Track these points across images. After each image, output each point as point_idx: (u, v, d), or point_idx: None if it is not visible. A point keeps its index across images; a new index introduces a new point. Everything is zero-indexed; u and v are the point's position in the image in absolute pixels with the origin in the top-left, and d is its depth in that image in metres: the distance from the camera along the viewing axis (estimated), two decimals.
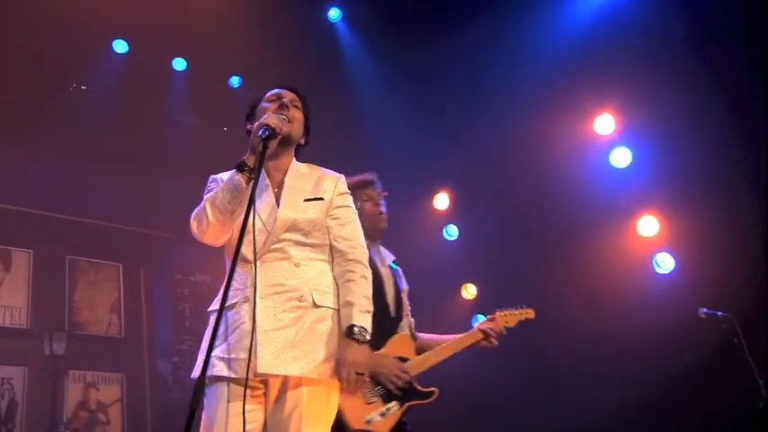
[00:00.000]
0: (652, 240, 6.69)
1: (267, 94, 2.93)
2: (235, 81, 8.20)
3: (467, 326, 7.55)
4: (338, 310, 2.71)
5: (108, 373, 8.43)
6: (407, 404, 3.68)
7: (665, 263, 6.51)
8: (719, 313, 4.70)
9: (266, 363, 2.47)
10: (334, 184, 2.89)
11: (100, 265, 9.32)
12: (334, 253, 2.80)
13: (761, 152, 5.67)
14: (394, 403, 3.61)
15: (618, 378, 6.02)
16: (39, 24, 6.58)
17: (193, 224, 2.69)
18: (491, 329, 4.04)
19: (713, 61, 5.97)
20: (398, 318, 4.00)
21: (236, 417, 2.52)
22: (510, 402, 6.51)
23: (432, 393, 3.75)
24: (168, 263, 8.36)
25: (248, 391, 2.54)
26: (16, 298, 8.67)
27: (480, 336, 4.03)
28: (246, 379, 2.46)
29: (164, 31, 7.12)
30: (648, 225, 6.70)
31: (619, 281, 6.62)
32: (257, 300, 2.56)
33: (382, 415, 3.57)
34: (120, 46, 7.59)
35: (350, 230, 2.83)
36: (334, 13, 8.11)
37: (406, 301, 4.16)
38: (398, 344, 3.85)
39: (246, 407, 2.54)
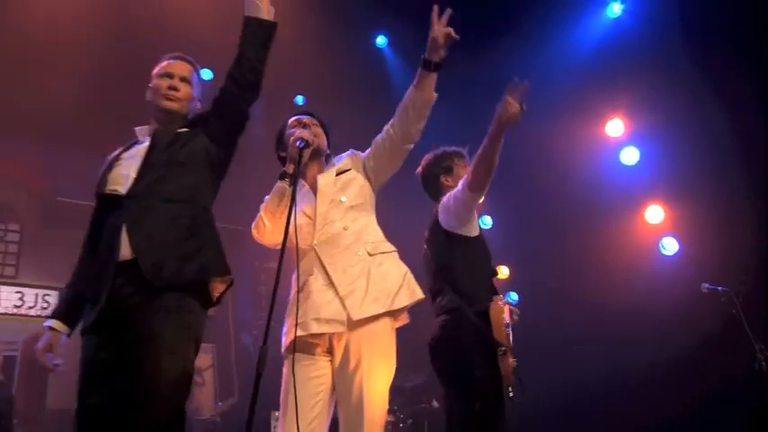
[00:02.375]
0: (658, 227, 6.68)
1: (290, 122, 3.05)
2: (300, 99, 8.27)
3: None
4: (390, 253, 2.83)
5: (203, 343, 8.67)
6: None
7: (670, 246, 6.49)
8: (719, 288, 4.69)
9: (356, 309, 2.59)
10: (349, 156, 3.03)
11: None
12: (389, 131, 2.89)
13: (755, 149, 5.62)
14: None
15: (628, 343, 5.99)
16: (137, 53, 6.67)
17: (254, 232, 2.89)
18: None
19: (712, 71, 5.93)
20: None
21: (311, 380, 2.62)
22: (534, 363, 6.50)
23: None
24: (247, 253, 8.47)
25: (319, 349, 2.67)
26: None
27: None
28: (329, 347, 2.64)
29: None
30: (655, 213, 6.70)
31: (630, 261, 6.64)
32: (327, 266, 2.68)
33: None
34: (206, 74, 7.74)
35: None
36: (381, 40, 8.23)
37: None
38: None
39: (318, 371, 2.63)
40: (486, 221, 8.54)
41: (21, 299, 8.28)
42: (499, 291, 7.34)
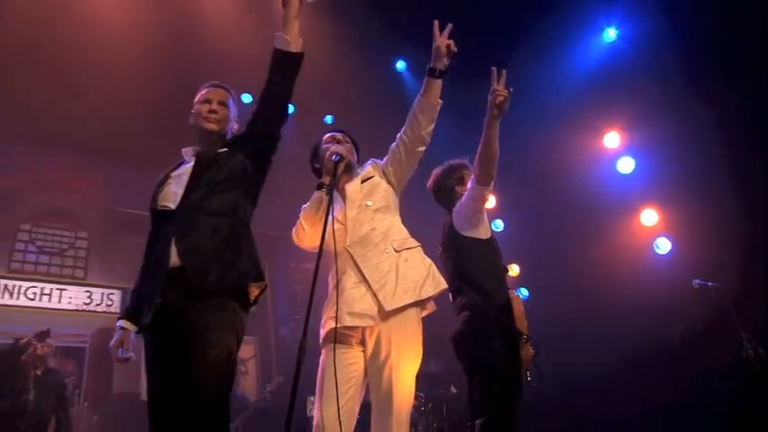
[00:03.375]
0: (652, 228, 6.62)
1: (324, 138, 3.09)
2: (329, 119, 8.32)
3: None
4: (415, 248, 2.84)
5: (246, 336, 8.73)
6: None
7: (663, 246, 6.43)
8: (709, 283, 4.65)
9: (388, 301, 2.60)
10: (371, 165, 3.03)
11: None
12: (401, 137, 2.91)
13: (740, 158, 5.54)
14: None
15: (625, 333, 5.95)
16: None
17: (294, 236, 2.92)
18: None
19: (700, 88, 5.86)
20: None
21: (346, 367, 2.63)
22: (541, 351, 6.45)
23: None
24: (284, 255, 8.53)
25: (353, 340, 2.68)
26: None
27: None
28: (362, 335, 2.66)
29: None
30: (649, 217, 6.65)
31: (627, 260, 6.57)
32: (359, 264, 2.70)
33: None
34: (246, 98, 7.80)
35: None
36: (400, 65, 8.30)
37: None
38: None
39: (352, 360, 2.65)
40: (498, 225, 8.56)
41: (89, 297, 8.37)
42: (510, 287, 7.30)
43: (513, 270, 8.20)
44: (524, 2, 6.78)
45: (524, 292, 7.93)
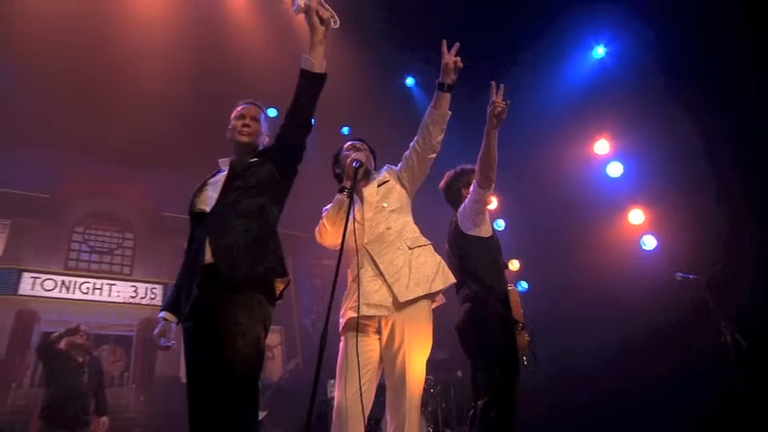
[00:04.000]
0: (639, 227, 6.58)
1: (345, 146, 3.11)
2: (345, 130, 8.31)
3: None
4: (426, 245, 2.84)
5: (273, 325, 8.75)
6: None
7: (649, 242, 6.41)
8: (691, 276, 4.61)
9: (402, 293, 2.62)
10: (387, 171, 3.05)
11: None
12: (414, 146, 2.92)
13: (720, 161, 5.49)
14: None
15: (615, 322, 5.90)
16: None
17: (317, 235, 2.94)
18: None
19: (681, 98, 5.82)
20: None
21: (364, 354, 2.64)
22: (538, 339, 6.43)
23: None
24: (305, 253, 8.56)
25: (370, 329, 2.70)
26: None
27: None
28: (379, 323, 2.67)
29: None
30: (636, 216, 6.61)
31: (616, 256, 6.54)
32: (376, 259, 2.72)
33: None
34: (272, 112, 7.82)
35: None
36: (409, 81, 8.29)
37: None
38: None
39: (369, 346, 2.68)
40: (500, 224, 8.52)
41: (135, 291, 8.45)
42: (511, 281, 7.29)
43: (514, 265, 8.18)
44: (522, 23, 6.73)
45: (524, 285, 7.93)
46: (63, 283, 8.14)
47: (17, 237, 8.18)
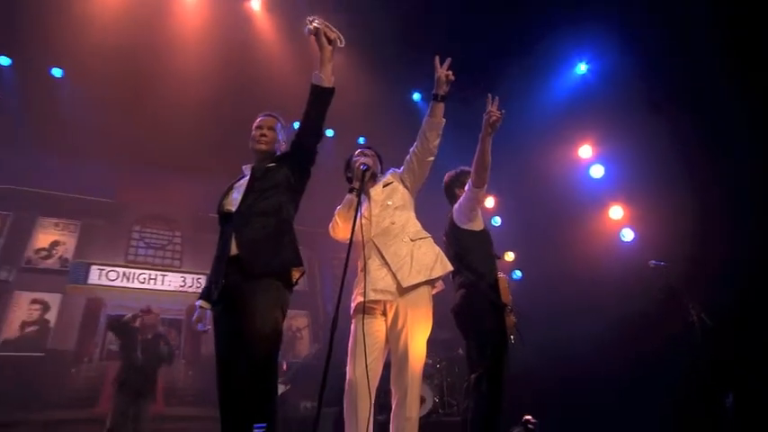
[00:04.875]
0: (619, 221, 6.50)
1: (355, 153, 3.08)
2: (361, 140, 8.16)
3: (508, 278, 7.57)
4: (426, 238, 2.79)
5: (301, 310, 8.72)
6: None
7: (627, 235, 6.33)
8: (662, 263, 4.52)
9: (405, 279, 2.60)
10: (391, 173, 3.00)
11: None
12: (413, 151, 2.88)
13: (690, 162, 5.36)
14: None
15: (597, 306, 5.82)
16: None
17: (331, 230, 2.92)
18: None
19: (657, 108, 5.74)
20: None
21: (371, 335, 2.61)
22: (530, 322, 6.38)
23: None
24: (326, 248, 8.54)
25: (377, 312, 2.66)
26: None
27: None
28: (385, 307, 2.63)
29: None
30: (616, 212, 6.52)
31: (598, 247, 6.48)
32: (382, 250, 2.68)
33: None
34: (296, 125, 7.79)
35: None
36: (416, 96, 8.20)
37: None
38: None
39: (376, 327, 2.65)
40: (497, 220, 8.47)
41: (183, 281, 8.50)
42: (506, 270, 7.20)
43: (509, 256, 8.11)
44: (514, 43, 6.67)
45: (518, 273, 7.87)
46: (124, 273, 8.24)
47: (86, 235, 8.33)
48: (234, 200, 2.58)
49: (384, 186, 2.91)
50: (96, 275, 8.08)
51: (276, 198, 2.56)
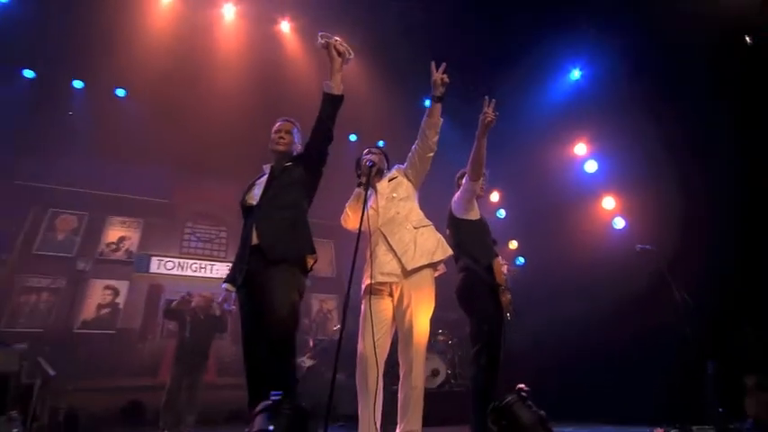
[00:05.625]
0: (611, 211, 6.37)
1: (364, 152, 3.02)
2: (381, 143, 8.01)
3: (519, 267, 7.46)
4: (428, 226, 2.73)
5: (330, 294, 8.77)
6: None
7: (619, 223, 6.20)
8: (648, 246, 4.39)
9: (409, 263, 2.56)
10: (396, 169, 2.94)
11: (322, 242, 9.46)
12: (414, 148, 2.81)
13: (677, 159, 5.18)
14: None
15: (592, 287, 5.71)
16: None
17: (342, 221, 2.90)
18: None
19: (645, 109, 5.53)
20: None
21: (379, 313, 2.58)
22: (533, 302, 6.27)
23: None
24: (347, 239, 8.59)
25: (384, 293, 2.62)
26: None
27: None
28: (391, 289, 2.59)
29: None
30: (608, 202, 6.40)
31: (592, 235, 6.35)
32: (388, 237, 2.65)
33: None
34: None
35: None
36: (427, 103, 8.02)
37: None
38: None
39: (384, 307, 2.62)
40: (501, 213, 8.35)
41: (228, 270, 8.53)
42: (510, 257, 7.09)
43: (513, 244, 7.99)
44: (515, 54, 6.55)
45: (521, 260, 7.75)
46: (179, 263, 8.37)
47: (147, 231, 8.49)
48: (255, 195, 2.57)
49: (389, 181, 2.88)
50: (156, 265, 8.24)
51: (292, 194, 2.55)
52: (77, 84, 7.46)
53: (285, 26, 6.89)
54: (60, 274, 7.66)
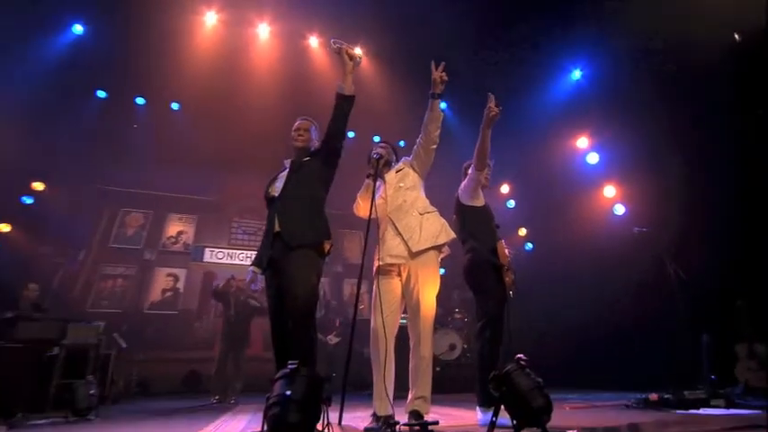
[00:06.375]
0: (612, 199, 6.18)
1: (373, 146, 2.91)
2: (402, 143, 8.07)
3: (521, 249, 7.26)
4: (433, 212, 2.64)
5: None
6: None
7: (619, 210, 6.00)
8: (644, 229, 4.18)
9: (414, 246, 2.50)
10: (403, 162, 2.82)
11: (353, 233, 9.32)
12: (419, 141, 2.70)
13: (671, 152, 4.94)
14: None
15: (594, 269, 5.57)
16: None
17: (354, 209, 2.82)
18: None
19: (642, 105, 5.32)
20: None
21: (389, 292, 2.54)
22: (540, 284, 6.08)
23: None
24: (375, 229, 8.50)
25: (393, 273, 2.56)
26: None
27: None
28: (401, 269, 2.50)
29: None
30: (609, 191, 6.21)
31: (595, 220, 6.17)
32: (396, 223, 2.58)
33: None
34: (350, 134, 7.78)
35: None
36: (442, 105, 7.85)
37: None
38: None
39: (393, 286, 2.56)
40: (511, 203, 8.14)
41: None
42: (520, 243, 6.92)
43: (522, 232, 7.80)
44: (521, 57, 6.36)
45: (530, 245, 7.56)
46: (228, 253, 8.51)
47: (201, 225, 8.70)
48: (277, 187, 2.54)
49: (397, 172, 2.80)
50: (209, 255, 8.42)
51: (310, 185, 2.51)
52: (140, 100, 7.68)
53: (313, 41, 6.88)
54: (131, 264, 7.98)
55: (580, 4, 5.37)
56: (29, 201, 7.24)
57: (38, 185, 7.27)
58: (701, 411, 2.97)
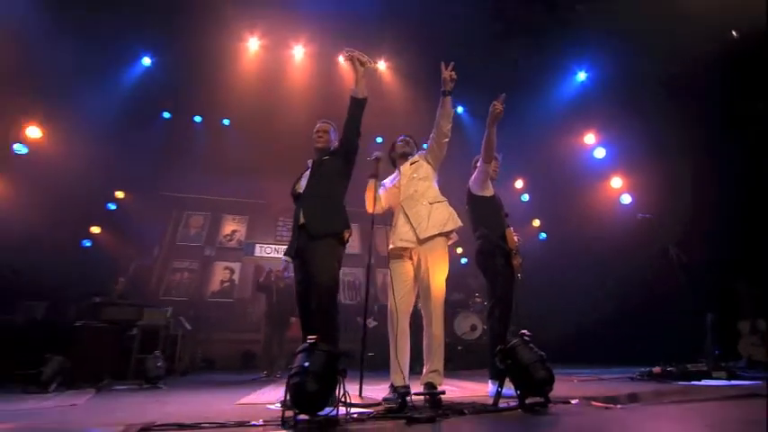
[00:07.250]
0: (619, 189, 5.91)
1: (398, 139, 2.83)
2: (425, 146, 7.95)
3: (535, 239, 7.02)
4: (442, 202, 2.55)
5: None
6: None
7: (625, 199, 5.72)
8: (648, 215, 3.91)
9: (422, 232, 2.43)
10: (418, 155, 2.72)
11: (382, 228, 9.33)
12: (431, 135, 2.59)
13: (672, 146, 4.67)
14: None
15: (603, 255, 5.34)
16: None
17: (366, 205, 2.72)
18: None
19: (644, 101, 5.03)
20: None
21: (402, 275, 2.48)
22: (553, 270, 5.83)
23: None
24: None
25: (405, 257, 2.49)
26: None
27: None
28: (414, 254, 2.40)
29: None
30: (616, 182, 5.94)
31: (602, 210, 5.90)
32: (407, 211, 2.51)
33: None
34: (378, 139, 7.53)
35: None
36: (459, 109, 7.58)
37: None
38: None
39: (405, 269, 2.50)
40: (525, 197, 7.87)
41: None
42: (533, 233, 6.70)
43: (536, 223, 7.53)
44: (530, 61, 6.12)
45: (543, 235, 7.29)
46: (275, 248, 8.66)
47: (251, 224, 8.92)
48: (301, 185, 2.55)
49: (411, 164, 2.72)
50: (259, 250, 8.61)
51: (330, 181, 2.50)
52: (197, 118, 7.99)
53: (341, 59, 6.89)
54: (194, 259, 8.31)
55: (583, 8, 5.10)
56: (112, 207, 7.68)
57: (119, 194, 7.71)
58: (702, 382, 2.79)
